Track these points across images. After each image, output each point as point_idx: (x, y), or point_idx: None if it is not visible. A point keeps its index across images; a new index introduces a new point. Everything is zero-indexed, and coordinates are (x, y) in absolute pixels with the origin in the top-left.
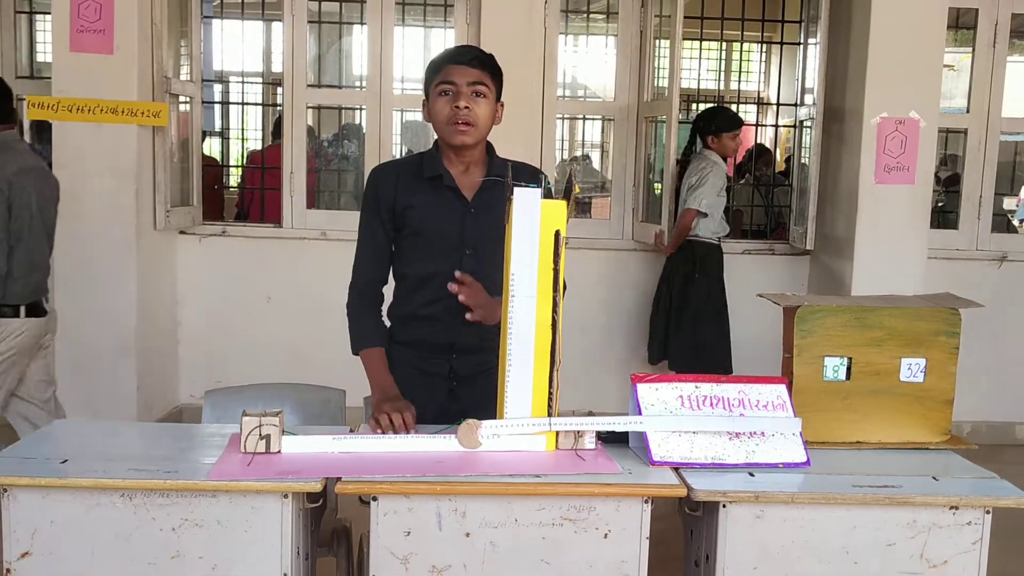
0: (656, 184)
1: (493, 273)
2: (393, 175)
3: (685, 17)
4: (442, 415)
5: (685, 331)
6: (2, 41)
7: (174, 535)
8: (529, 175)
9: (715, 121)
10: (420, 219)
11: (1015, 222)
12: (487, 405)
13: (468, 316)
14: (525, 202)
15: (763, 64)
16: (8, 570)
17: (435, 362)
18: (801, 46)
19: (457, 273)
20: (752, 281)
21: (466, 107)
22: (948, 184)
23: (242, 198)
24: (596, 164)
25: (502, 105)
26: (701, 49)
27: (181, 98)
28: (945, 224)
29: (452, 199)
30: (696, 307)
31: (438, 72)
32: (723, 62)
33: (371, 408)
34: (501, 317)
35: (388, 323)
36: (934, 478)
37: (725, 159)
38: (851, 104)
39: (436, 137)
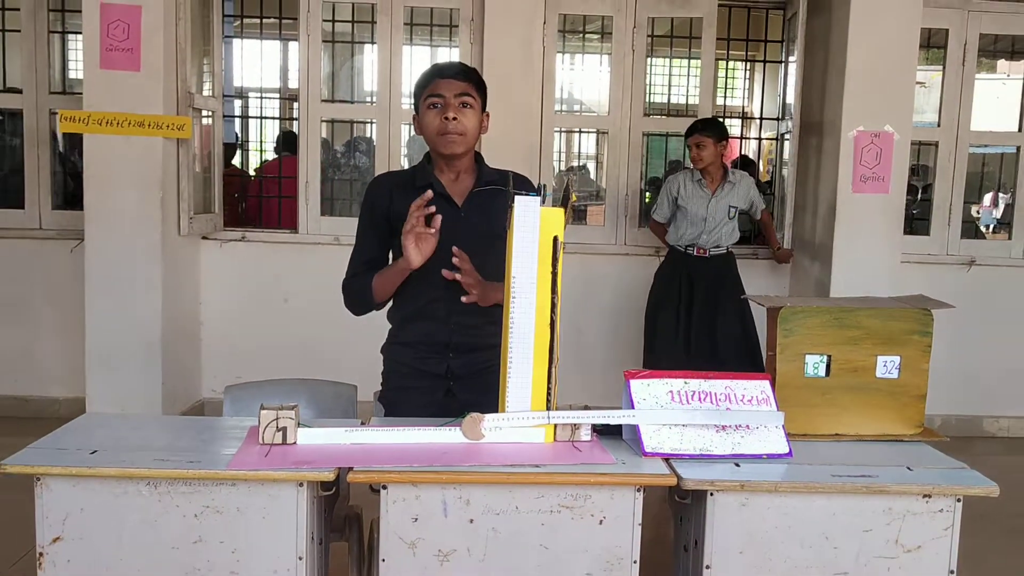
0: (648, 194)
1: (485, 274)
2: (387, 186)
3: (674, 36)
4: (441, 413)
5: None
6: (36, 59)
7: (196, 521)
8: (521, 183)
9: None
10: None
11: (982, 228)
12: (484, 402)
13: (464, 299)
14: (525, 209)
15: (747, 81)
16: (41, 554)
17: (433, 362)
18: (782, 64)
19: (455, 248)
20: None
21: (454, 118)
22: (922, 193)
23: (242, 207)
24: (592, 174)
25: (488, 115)
26: (689, 67)
27: (204, 112)
28: (917, 231)
29: (444, 206)
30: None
31: (426, 87)
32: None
33: (404, 244)
34: (494, 300)
35: (388, 326)
36: (908, 468)
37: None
38: (830, 118)
39: (428, 149)
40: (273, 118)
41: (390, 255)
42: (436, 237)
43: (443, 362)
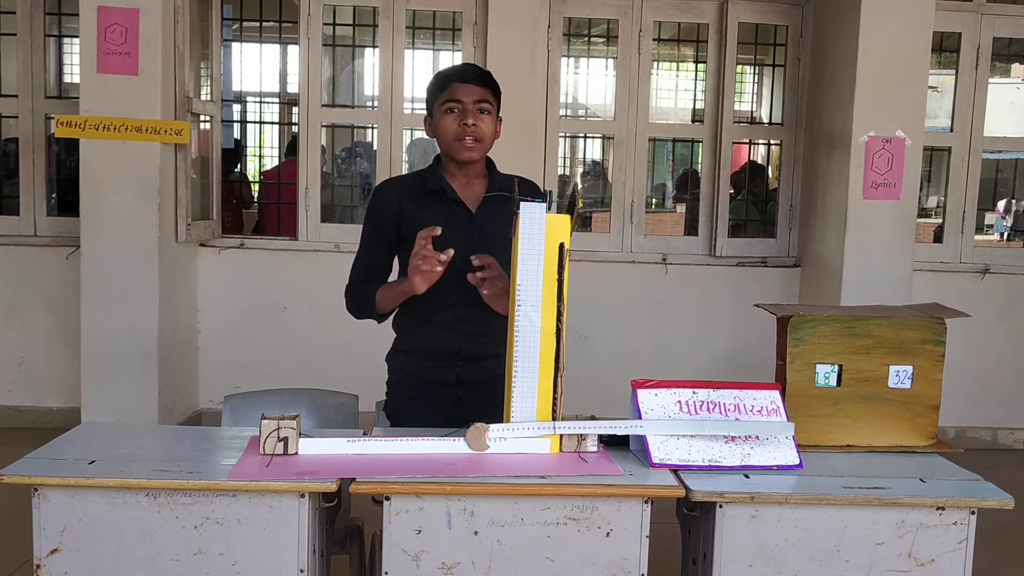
0: (654, 200)
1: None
2: (397, 191)
3: (680, 40)
4: (449, 422)
5: None
6: (32, 63)
7: (196, 533)
8: (531, 189)
9: None
10: None
11: (996, 235)
12: (492, 411)
13: (470, 275)
14: (531, 216)
15: (755, 85)
16: (38, 566)
17: (442, 370)
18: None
19: (473, 258)
20: (746, 292)
21: (474, 124)
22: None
23: (261, 214)
24: (598, 180)
25: (501, 119)
26: (696, 71)
27: (202, 117)
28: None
29: (457, 211)
30: None
31: (443, 91)
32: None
33: (409, 273)
34: (503, 305)
35: (394, 335)
36: (921, 480)
37: None
38: (840, 123)
39: (437, 152)
40: (272, 123)
41: (395, 261)
42: (443, 269)
43: (452, 370)
